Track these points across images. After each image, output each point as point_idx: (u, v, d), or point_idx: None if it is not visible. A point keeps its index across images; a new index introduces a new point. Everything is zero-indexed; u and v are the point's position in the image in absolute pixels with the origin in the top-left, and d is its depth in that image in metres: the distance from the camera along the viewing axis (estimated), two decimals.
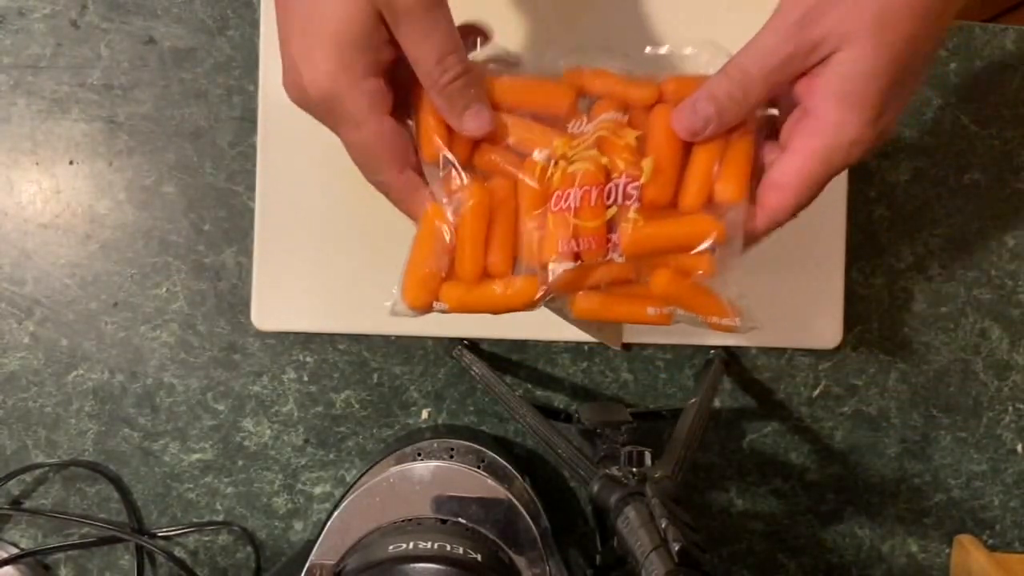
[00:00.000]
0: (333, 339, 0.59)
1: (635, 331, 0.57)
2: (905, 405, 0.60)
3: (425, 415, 0.59)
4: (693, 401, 0.53)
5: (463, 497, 0.50)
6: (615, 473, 0.44)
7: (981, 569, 0.57)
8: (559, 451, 0.48)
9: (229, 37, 0.58)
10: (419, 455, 0.53)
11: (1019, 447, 0.61)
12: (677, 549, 0.35)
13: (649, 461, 0.46)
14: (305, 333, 0.58)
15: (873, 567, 0.61)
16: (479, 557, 0.46)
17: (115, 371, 0.59)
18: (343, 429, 0.59)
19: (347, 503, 0.50)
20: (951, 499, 0.61)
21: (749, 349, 0.60)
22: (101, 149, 0.58)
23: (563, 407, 0.59)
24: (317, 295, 0.56)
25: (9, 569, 0.58)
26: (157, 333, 0.58)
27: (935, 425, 0.61)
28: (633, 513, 0.39)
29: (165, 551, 0.58)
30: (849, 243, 0.59)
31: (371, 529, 0.49)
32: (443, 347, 0.59)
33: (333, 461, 0.59)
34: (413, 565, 0.44)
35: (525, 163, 0.38)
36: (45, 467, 0.59)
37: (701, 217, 0.38)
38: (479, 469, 0.52)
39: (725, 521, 0.61)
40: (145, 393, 0.59)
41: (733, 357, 0.60)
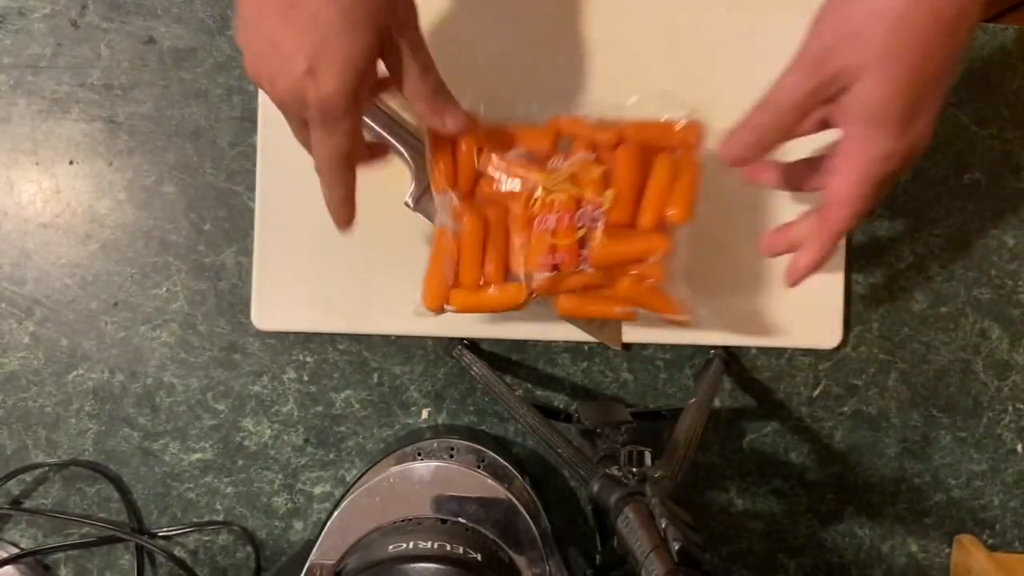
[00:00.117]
0: (333, 339, 0.59)
1: (635, 331, 0.57)
2: (905, 405, 0.60)
3: (425, 415, 0.59)
4: (693, 401, 0.53)
5: (463, 497, 0.50)
6: (615, 473, 0.44)
7: (981, 569, 0.57)
8: (559, 451, 0.48)
9: (229, 37, 0.58)
10: (419, 455, 0.53)
11: (1019, 447, 0.61)
12: (677, 549, 0.35)
13: (649, 461, 0.46)
14: (305, 333, 0.58)
15: (873, 567, 0.61)
16: (479, 557, 0.46)
17: (115, 371, 0.59)
18: (343, 429, 0.59)
19: (347, 503, 0.50)
20: (951, 499, 0.61)
21: (749, 349, 0.60)
22: (101, 149, 0.58)
23: (563, 407, 0.59)
24: (317, 295, 0.56)
25: (9, 569, 0.58)
26: (157, 333, 0.58)
27: (935, 425, 0.61)
28: (633, 513, 0.39)
29: (165, 551, 0.58)
30: (849, 243, 0.59)
31: (371, 529, 0.49)
32: (443, 347, 0.59)
33: (333, 461, 0.59)
34: (413, 565, 0.44)
35: (514, 194, 0.47)
36: (45, 467, 0.59)
37: (654, 235, 0.48)
38: (479, 469, 0.52)
39: (725, 521, 0.61)
40: (145, 393, 0.59)
41: (733, 357, 0.60)
